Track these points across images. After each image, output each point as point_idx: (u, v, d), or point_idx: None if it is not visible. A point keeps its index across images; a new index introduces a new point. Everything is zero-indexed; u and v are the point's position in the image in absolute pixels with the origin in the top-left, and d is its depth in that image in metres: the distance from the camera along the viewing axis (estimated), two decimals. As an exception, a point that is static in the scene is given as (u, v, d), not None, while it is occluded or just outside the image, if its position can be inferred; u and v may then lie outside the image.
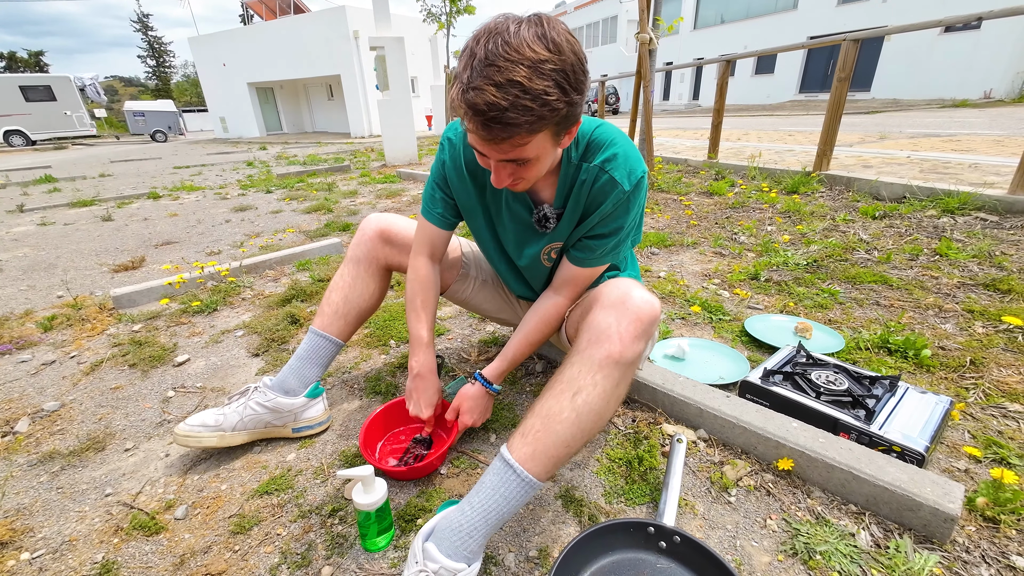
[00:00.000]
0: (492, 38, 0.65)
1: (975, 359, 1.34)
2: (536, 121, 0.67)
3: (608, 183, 0.87)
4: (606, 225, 0.92)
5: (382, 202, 4.24)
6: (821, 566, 0.81)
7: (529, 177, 0.81)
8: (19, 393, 1.45)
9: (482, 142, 0.72)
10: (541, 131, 0.69)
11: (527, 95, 0.64)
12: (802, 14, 16.21)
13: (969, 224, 2.44)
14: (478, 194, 1.02)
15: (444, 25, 9.85)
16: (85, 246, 3.22)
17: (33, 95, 17.94)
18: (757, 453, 1.04)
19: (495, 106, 0.64)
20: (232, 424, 1.10)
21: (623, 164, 0.87)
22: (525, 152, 0.72)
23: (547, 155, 0.77)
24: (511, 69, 0.63)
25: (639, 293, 0.82)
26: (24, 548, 0.91)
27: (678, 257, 2.38)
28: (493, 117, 0.65)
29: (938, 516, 0.81)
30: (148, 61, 53.36)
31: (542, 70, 0.64)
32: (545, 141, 0.73)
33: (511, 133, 0.67)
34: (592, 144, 0.89)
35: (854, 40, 3.27)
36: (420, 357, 1.07)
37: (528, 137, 0.69)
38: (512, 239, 1.04)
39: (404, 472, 1.02)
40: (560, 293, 1.02)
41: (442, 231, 1.07)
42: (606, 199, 0.88)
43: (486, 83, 0.64)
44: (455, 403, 1.08)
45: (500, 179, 0.79)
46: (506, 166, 0.77)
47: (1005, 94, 11.84)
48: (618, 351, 0.77)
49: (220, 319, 1.92)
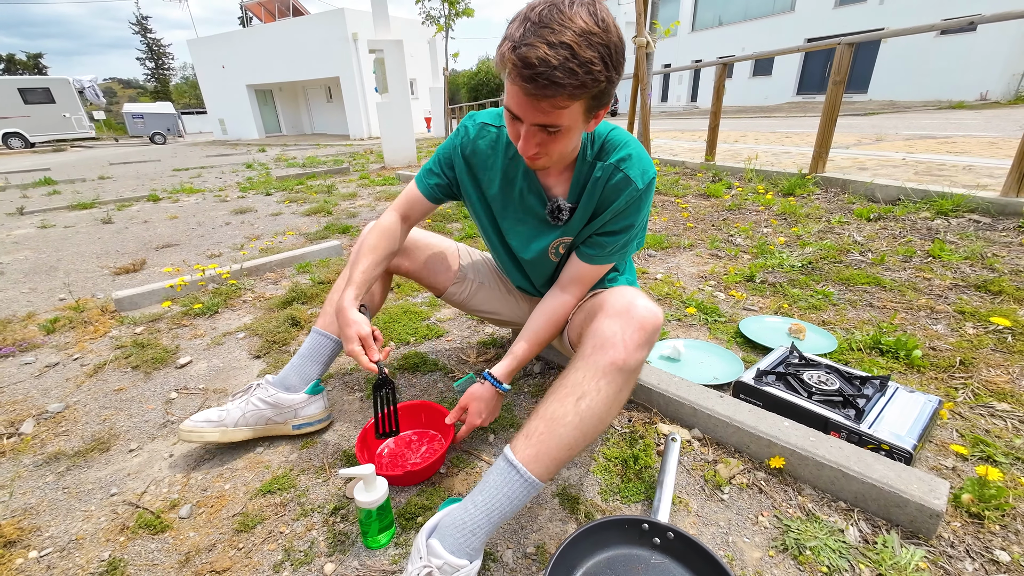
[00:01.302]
0: (547, 6, 0.69)
1: (965, 359, 1.36)
2: (579, 87, 0.70)
3: (623, 180, 0.91)
4: (617, 222, 0.96)
5: (381, 204, 4.26)
6: (811, 561, 0.83)
7: (553, 152, 0.82)
8: (23, 395, 1.47)
9: (523, 100, 0.73)
10: (580, 99, 0.72)
11: (575, 59, 0.67)
12: (799, 16, 16.29)
13: (962, 226, 2.47)
14: (485, 185, 1.04)
15: (443, 28, 9.87)
16: (86, 249, 3.23)
17: (32, 97, 17.93)
18: (750, 452, 1.07)
19: (546, 62, 0.67)
20: (234, 420, 1.12)
21: (637, 163, 0.91)
22: (561, 118, 0.74)
23: (576, 131, 0.80)
24: (564, 33, 0.67)
25: (643, 302, 0.84)
26: (32, 546, 0.93)
27: (675, 259, 2.41)
28: (542, 72, 0.67)
29: (924, 512, 0.84)
30: (147, 63, 53.41)
31: (591, 40, 0.68)
32: (579, 114, 0.76)
33: (555, 92, 0.69)
34: (607, 144, 0.93)
35: (849, 43, 3.31)
36: (337, 297, 1.06)
37: (568, 102, 0.72)
38: (521, 233, 1.06)
39: (401, 477, 1.02)
40: (567, 291, 1.04)
41: (425, 201, 1.09)
42: (619, 196, 0.92)
43: (539, 40, 0.67)
44: (463, 401, 1.06)
45: (528, 146, 0.80)
46: (536, 134, 0.78)
47: (1001, 95, 11.91)
48: (622, 358, 0.80)
49: (221, 321, 1.94)
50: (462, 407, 1.06)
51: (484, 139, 1.01)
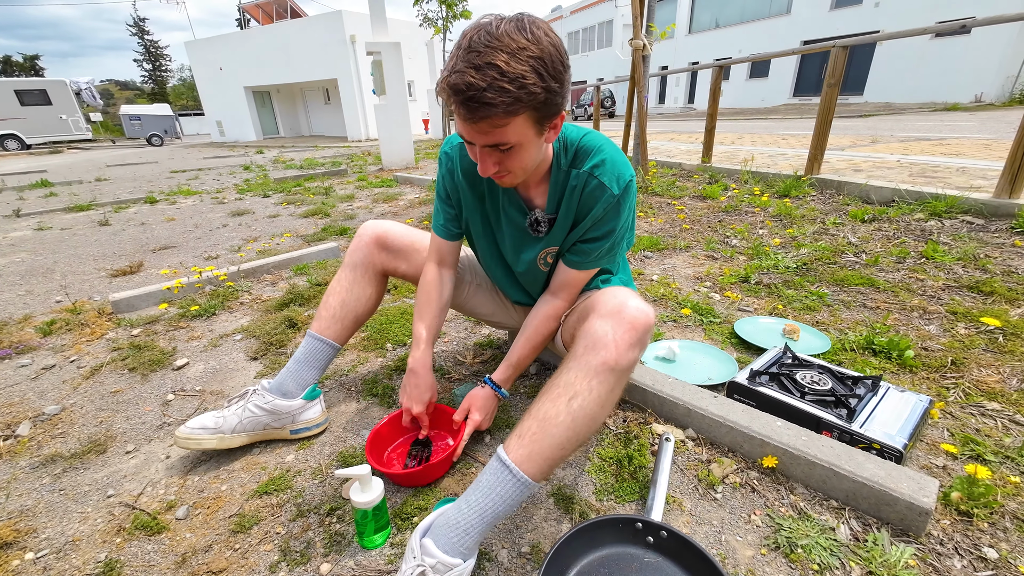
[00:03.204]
0: (477, 31, 0.72)
1: (956, 359, 1.38)
2: (513, 103, 0.71)
3: (597, 188, 0.91)
4: (598, 228, 0.96)
5: (379, 206, 4.27)
6: (802, 559, 0.84)
7: (514, 168, 0.84)
8: (20, 397, 1.47)
9: (465, 125, 0.76)
10: (519, 114, 0.74)
11: (504, 77, 0.69)
12: (796, 18, 16.39)
13: (955, 227, 2.49)
14: (477, 202, 1.07)
15: (440, 30, 9.90)
16: (83, 251, 3.23)
17: (28, 99, 17.87)
18: (743, 451, 1.08)
19: (473, 86, 0.69)
20: (231, 426, 1.13)
21: (611, 169, 0.91)
22: (506, 135, 0.76)
23: (530, 145, 0.81)
24: (491, 54, 0.69)
25: (635, 303, 0.85)
26: (28, 548, 0.93)
27: (671, 260, 2.42)
28: (472, 96, 0.70)
29: (913, 510, 0.85)
30: (144, 65, 53.31)
31: (520, 56, 0.70)
32: (526, 128, 0.77)
33: (489, 112, 0.72)
34: (580, 151, 0.93)
35: (843, 46, 3.33)
36: (416, 354, 1.12)
37: (506, 119, 0.73)
38: (510, 245, 1.08)
39: (403, 476, 1.03)
40: (558, 296, 1.05)
41: (447, 241, 1.14)
42: (596, 203, 0.92)
43: (467, 66, 0.70)
44: (464, 404, 1.10)
45: (486, 167, 0.83)
46: (491, 153, 0.81)
47: (995, 98, 11.99)
48: (614, 358, 0.81)
49: (218, 323, 1.94)
50: (465, 409, 1.10)
51: (467, 157, 1.03)
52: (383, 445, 1.14)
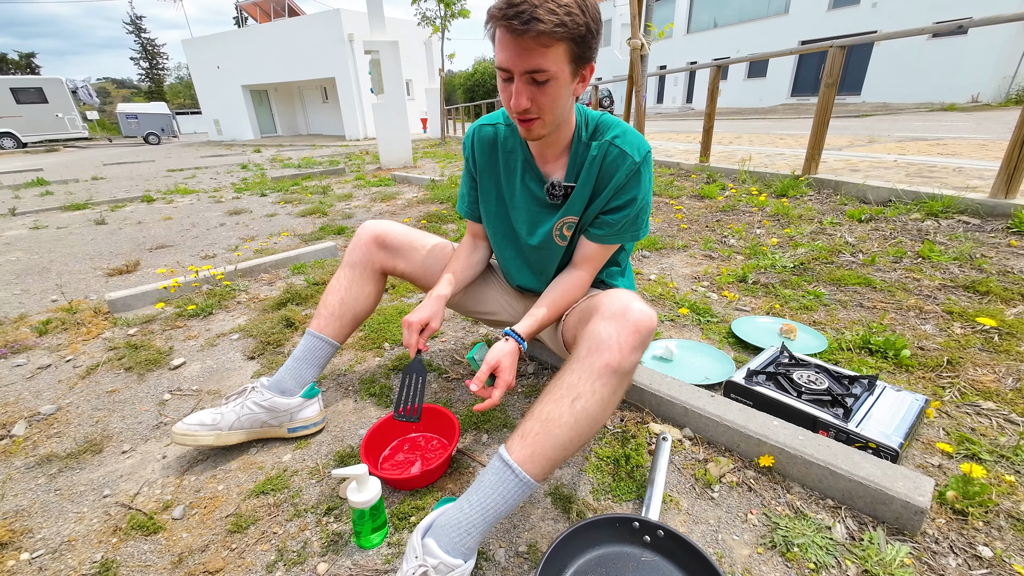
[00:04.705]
0: None
1: (952, 359, 1.38)
2: (559, 26, 0.75)
3: (619, 156, 0.96)
4: (620, 197, 0.99)
5: (377, 205, 4.26)
6: (798, 558, 0.84)
7: (544, 108, 0.85)
8: (15, 397, 1.46)
9: (509, 43, 0.78)
10: (563, 41, 0.78)
11: (554, 1, 0.75)
12: (794, 18, 16.40)
13: (952, 227, 2.50)
14: (492, 177, 1.11)
15: (439, 29, 9.88)
16: (79, 250, 3.22)
17: (24, 97, 17.78)
18: (740, 451, 1.08)
19: (527, 1, 0.74)
20: (229, 423, 1.12)
21: (632, 139, 0.97)
22: (546, 60, 0.78)
23: (563, 86, 0.83)
24: None
25: (638, 306, 0.85)
26: (24, 548, 0.93)
27: (668, 260, 2.42)
28: (523, 10, 0.74)
29: (909, 509, 0.85)
30: (141, 63, 53.13)
31: None
32: (564, 62, 0.80)
33: (537, 27, 0.75)
34: (601, 125, 0.99)
35: (841, 46, 3.34)
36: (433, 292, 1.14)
37: (551, 41, 0.77)
38: (525, 218, 1.10)
39: (400, 481, 1.02)
40: (581, 268, 1.09)
41: (473, 222, 1.24)
42: (618, 170, 0.96)
43: None
44: (491, 361, 0.92)
45: (519, 101, 0.83)
46: (527, 86, 0.82)
47: (992, 98, 12.03)
48: (617, 360, 0.81)
49: (215, 323, 1.93)
50: (492, 366, 0.92)
51: (486, 136, 1.09)
52: (380, 446, 1.14)
